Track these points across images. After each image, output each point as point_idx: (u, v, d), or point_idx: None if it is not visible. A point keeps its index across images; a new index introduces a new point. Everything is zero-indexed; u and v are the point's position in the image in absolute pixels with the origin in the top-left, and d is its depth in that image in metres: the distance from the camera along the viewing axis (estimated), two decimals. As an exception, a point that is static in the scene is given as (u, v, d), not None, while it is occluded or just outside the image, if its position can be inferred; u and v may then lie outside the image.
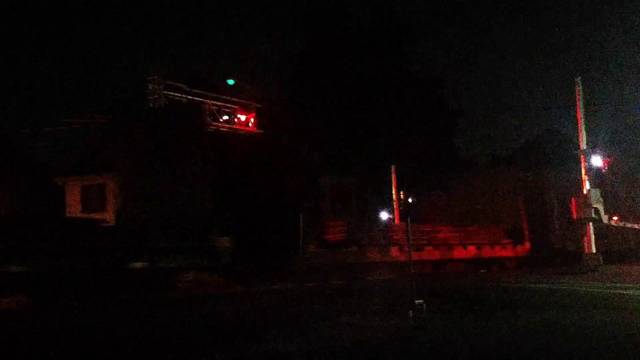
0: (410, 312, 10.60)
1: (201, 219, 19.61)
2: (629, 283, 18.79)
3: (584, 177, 27.37)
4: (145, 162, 20.57)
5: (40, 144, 36.12)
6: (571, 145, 31.46)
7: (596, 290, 16.85)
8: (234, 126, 28.77)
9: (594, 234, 27.22)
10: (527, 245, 36.08)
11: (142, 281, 17.31)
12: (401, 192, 37.49)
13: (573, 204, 27.51)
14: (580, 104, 27.73)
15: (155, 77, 26.04)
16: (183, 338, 10.16)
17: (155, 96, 25.82)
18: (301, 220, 21.33)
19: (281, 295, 18.13)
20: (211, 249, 19.64)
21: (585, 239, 27.19)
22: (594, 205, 27.03)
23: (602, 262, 26.91)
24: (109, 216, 27.60)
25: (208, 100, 27.76)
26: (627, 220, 52.02)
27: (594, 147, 28.88)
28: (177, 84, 26.76)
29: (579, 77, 28.27)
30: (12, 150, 36.49)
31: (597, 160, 28.12)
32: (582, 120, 27.71)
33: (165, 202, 19.14)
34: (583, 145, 27.58)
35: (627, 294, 15.38)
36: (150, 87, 26.02)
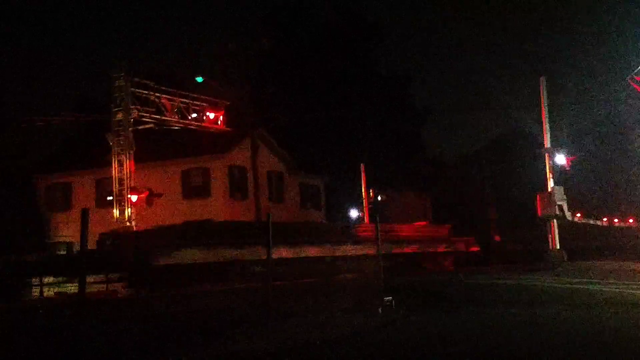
0: (380, 308, 10.72)
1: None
2: (589, 278, 19.27)
3: (549, 175, 27.88)
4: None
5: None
6: (535, 144, 31.98)
7: (559, 285, 17.23)
8: (203, 124, 28.60)
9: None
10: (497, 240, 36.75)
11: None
12: (371, 190, 37.68)
13: (538, 201, 27.99)
14: (544, 103, 28.22)
15: (122, 74, 25.69)
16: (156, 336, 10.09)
17: (122, 93, 25.51)
18: None
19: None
20: None
21: (549, 235, 27.68)
22: (558, 203, 27.54)
23: (565, 258, 27.46)
24: (74, 214, 27.15)
25: (176, 98, 27.52)
26: (590, 217, 53.21)
27: (558, 145, 29.39)
28: (144, 81, 26.44)
29: (544, 77, 28.78)
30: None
31: (560, 159, 28.53)
32: (546, 119, 28.21)
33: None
34: (547, 144, 28.08)
35: (587, 289, 15.79)
36: (117, 84, 25.67)
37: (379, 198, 38.36)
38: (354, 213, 40.60)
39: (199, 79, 30.63)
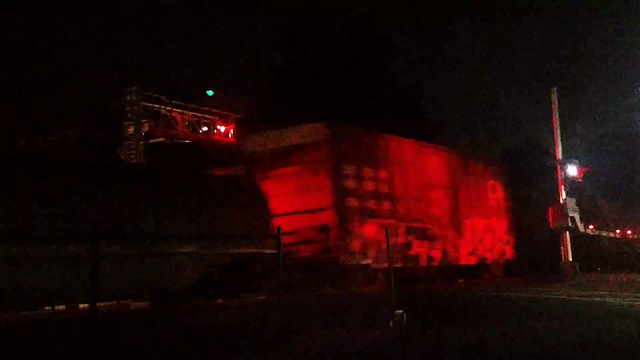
0: (391, 322, 10.63)
1: None
2: (603, 291, 19.05)
3: (560, 186, 27.73)
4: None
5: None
6: (547, 156, 31.82)
7: (574, 298, 17.04)
8: (214, 137, 28.72)
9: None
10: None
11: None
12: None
13: (550, 212, 27.81)
14: (555, 114, 28.13)
15: (134, 88, 25.89)
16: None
17: (133, 107, 25.70)
18: None
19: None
20: None
21: (562, 247, 27.48)
22: (570, 214, 27.37)
23: (578, 270, 27.24)
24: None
25: (187, 112, 27.68)
26: (603, 229, 52.76)
27: (571, 157, 29.25)
28: (155, 95, 26.62)
29: (555, 89, 28.74)
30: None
31: (572, 170, 28.38)
32: (558, 130, 28.10)
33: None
34: (559, 155, 27.96)
35: (602, 302, 15.60)
36: (128, 99, 25.87)
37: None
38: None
39: (210, 93, 30.84)
